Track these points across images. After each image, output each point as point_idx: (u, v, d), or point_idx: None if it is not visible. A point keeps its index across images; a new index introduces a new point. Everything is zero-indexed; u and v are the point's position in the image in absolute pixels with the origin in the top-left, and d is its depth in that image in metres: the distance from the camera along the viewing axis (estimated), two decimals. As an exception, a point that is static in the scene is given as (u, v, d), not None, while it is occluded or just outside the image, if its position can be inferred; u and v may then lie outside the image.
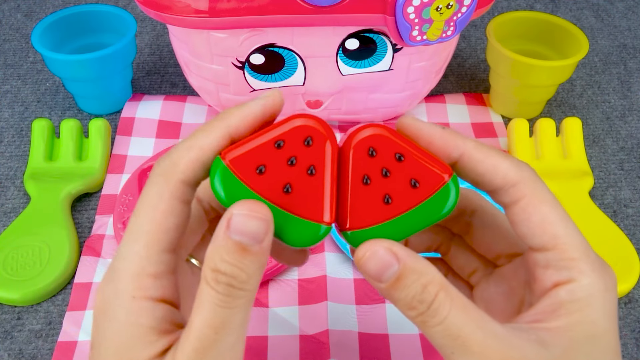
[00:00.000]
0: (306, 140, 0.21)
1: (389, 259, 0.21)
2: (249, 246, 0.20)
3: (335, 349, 0.38)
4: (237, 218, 0.20)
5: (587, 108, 0.58)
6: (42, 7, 0.70)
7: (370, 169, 0.22)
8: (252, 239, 0.20)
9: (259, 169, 0.21)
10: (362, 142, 0.22)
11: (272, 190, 0.21)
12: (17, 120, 0.55)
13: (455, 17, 0.40)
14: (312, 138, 0.21)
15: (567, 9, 0.72)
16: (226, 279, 0.20)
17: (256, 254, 0.20)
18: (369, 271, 0.21)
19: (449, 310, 0.21)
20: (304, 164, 0.21)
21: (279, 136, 0.21)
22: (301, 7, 0.40)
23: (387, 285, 0.21)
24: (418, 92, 0.50)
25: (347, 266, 0.43)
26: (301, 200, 0.21)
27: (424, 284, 0.21)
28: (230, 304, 0.20)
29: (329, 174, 0.22)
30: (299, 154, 0.21)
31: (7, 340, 0.39)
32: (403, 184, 0.22)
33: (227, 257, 0.20)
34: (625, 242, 0.44)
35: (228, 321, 0.20)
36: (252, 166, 0.21)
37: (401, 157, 0.22)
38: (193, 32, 0.44)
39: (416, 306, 0.21)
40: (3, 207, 0.47)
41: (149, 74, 0.61)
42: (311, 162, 0.21)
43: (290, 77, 0.46)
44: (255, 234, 0.20)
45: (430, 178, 0.22)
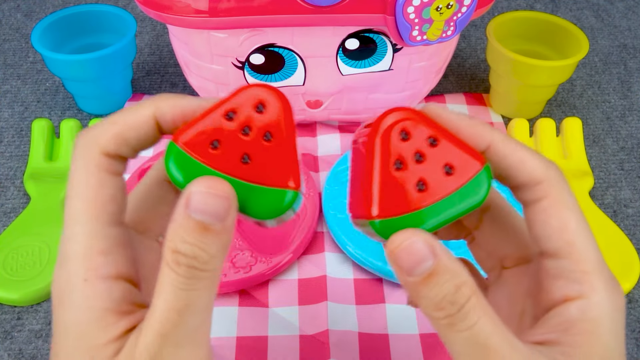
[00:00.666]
0: (258, 107, 0.20)
1: (426, 252, 0.20)
2: (211, 225, 0.19)
3: (335, 349, 0.38)
4: (196, 196, 0.19)
5: (587, 108, 0.58)
6: (42, 7, 0.70)
7: (404, 153, 0.20)
8: (214, 217, 0.19)
9: (212, 144, 0.20)
10: (394, 124, 0.20)
11: (230, 163, 0.20)
12: (17, 120, 0.55)
13: (455, 17, 0.40)
14: (264, 104, 0.20)
15: (567, 9, 0.72)
16: (187, 260, 0.19)
17: (218, 233, 0.19)
18: (401, 263, 0.20)
19: (480, 316, 0.20)
20: (260, 131, 0.20)
21: (230, 108, 0.20)
22: (301, 7, 0.40)
23: (418, 281, 0.20)
24: (418, 92, 0.50)
25: (347, 266, 0.43)
26: (262, 169, 0.20)
27: (457, 285, 0.20)
28: (192, 286, 0.19)
29: (288, 138, 0.20)
30: (252, 122, 0.20)
31: (7, 340, 0.39)
32: (437, 170, 0.20)
33: (187, 237, 0.19)
34: (625, 242, 0.44)
35: (191, 303, 0.20)
36: (206, 142, 0.20)
37: (434, 141, 0.20)
38: (193, 32, 0.44)
39: (445, 307, 0.20)
40: (3, 207, 0.47)
41: (149, 74, 0.61)
42: (267, 128, 0.20)
43: (290, 77, 0.46)
44: (216, 211, 0.19)
45: (464, 165, 0.20)
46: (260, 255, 0.41)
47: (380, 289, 0.42)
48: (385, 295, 0.41)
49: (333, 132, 0.53)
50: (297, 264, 0.43)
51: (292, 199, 0.20)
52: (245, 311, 0.40)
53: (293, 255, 0.42)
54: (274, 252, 0.42)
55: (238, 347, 0.38)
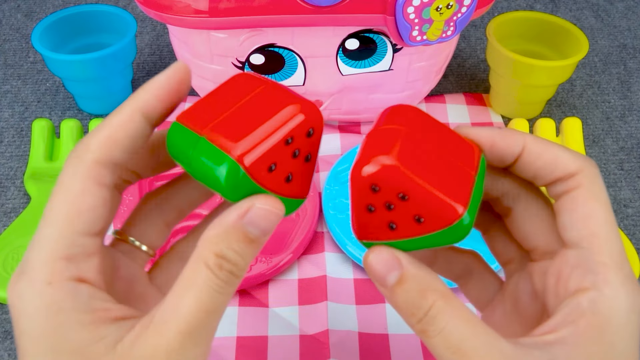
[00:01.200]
0: (308, 133, 0.21)
1: (393, 263, 0.21)
2: (257, 238, 0.20)
3: (335, 349, 0.38)
4: (258, 212, 0.20)
5: (587, 108, 0.58)
6: (42, 7, 0.70)
7: (374, 202, 0.21)
8: (263, 232, 0.20)
9: (270, 168, 0.21)
10: (368, 177, 0.21)
11: (278, 183, 0.21)
12: (17, 120, 0.55)
13: (455, 17, 0.40)
14: (314, 129, 0.21)
15: (567, 9, 0.72)
16: (229, 267, 0.20)
17: (259, 245, 0.21)
18: (374, 275, 0.22)
19: (448, 319, 0.20)
20: (303, 154, 0.21)
21: (288, 133, 0.20)
22: (301, 7, 0.40)
23: (389, 289, 0.21)
24: (418, 92, 0.50)
25: (347, 266, 0.43)
26: (296, 185, 0.22)
27: (421, 291, 0.21)
28: (227, 290, 0.20)
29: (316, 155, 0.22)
30: (303, 146, 0.21)
31: (7, 340, 0.39)
32: (407, 218, 0.21)
33: (235, 245, 0.20)
34: (625, 242, 0.44)
35: (221, 306, 0.20)
36: (265, 166, 0.20)
37: (404, 196, 0.21)
38: (193, 32, 0.44)
39: (415, 313, 0.21)
40: (3, 207, 0.47)
41: (149, 74, 0.61)
42: (309, 150, 0.22)
43: (290, 77, 0.46)
44: (267, 228, 0.20)
45: (438, 214, 0.20)
46: (260, 255, 0.41)
47: (380, 289, 0.42)
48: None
49: (333, 132, 0.53)
50: (297, 264, 0.43)
51: (299, 204, 0.22)
52: (245, 311, 0.40)
53: (293, 255, 0.42)
54: (274, 252, 0.42)
55: (238, 347, 0.38)
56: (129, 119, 0.21)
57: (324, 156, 0.51)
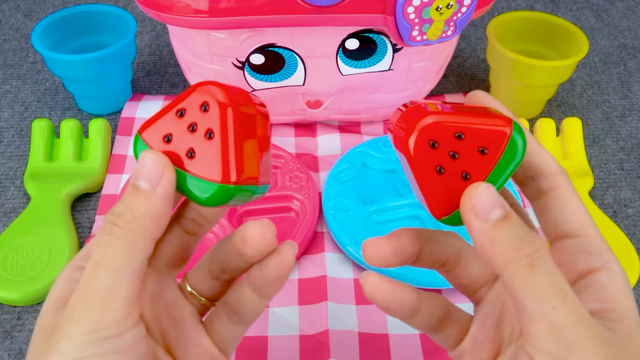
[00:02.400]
0: (203, 107, 0.23)
1: (497, 200, 0.21)
2: (142, 187, 0.22)
3: (335, 349, 0.38)
4: (140, 159, 0.22)
5: (587, 108, 0.58)
6: (42, 7, 0.70)
7: (439, 160, 0.23)
8: (147, 180, 0.22)
9: (166, 137, 0.23)
10: (420, 140, 0.22)
11: (178, 156, 0.23)
12: (17, 120, 0.55)
13: (455, 17, 0.40)
14: (208, 104, 0.23)
15: (567, 9, 0.72)
16: (112, 217, 0.22)
17: (147, 196, 0.22)
18: (477, 210, 0.21)
19: (553, 264, 0.21)
20: (203, 130, 0.23)
21: (181, 107, 0.23)
22: (301, 7, 0.40)
23: (492, 224, 0.21)
24: (418, 92, 0.50)
25: (347, 266, 0.43)
26: (202, 163, 0.23)
27: (530, 231, 0.21)
28: (110, 242, 0.21)
29: (227, 136, 0.22)
30: (198, 121, 0.23)
31: (7, 340, 0.39)
32: (473, 156, 0.23)
33: (123, 199, 0.22)
34: (625, 242, 0.44)
35: (105, 259, 0.21)
36: (161, 136, 0.23)
37: (461, 135, 0.23)
38: (193, 32, 0.44)
39: (524, 247, 0.21)
40: (3, 207, 0.47)
41: (149, 74, 0.61)
42: (209, 126, 0.23)
43: (290, 77, 0.46)
44: (149, 175, 0.22)
45: (493, 139, 0.22)
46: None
47: (380, 289, 0.42)
48: (385, 295, 0.41)
49: (333, 132, 0.53)
50: (297, 264, 0.43)
51: (218, 191, 0.22)
52: (245, 311, 0.40)
53: (293, 255, 0.42)
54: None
55: (238, 347, 0.38)
56: None
57: (324, 156, 0.51)
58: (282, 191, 0.46)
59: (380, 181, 0.48)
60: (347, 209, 0.44)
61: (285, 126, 0.53)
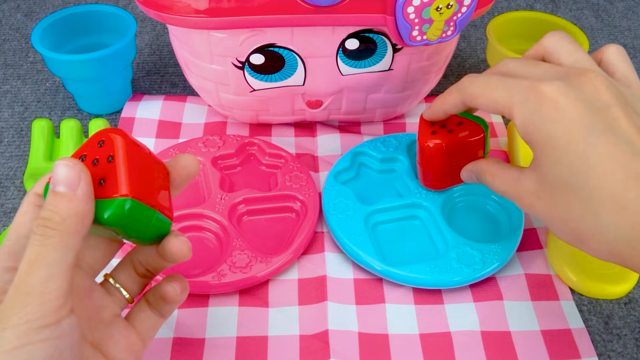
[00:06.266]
0: (99, 143, 0.27)
1: None
2: (63, 192, 0.25)
3: (335, 349, 0.38)
4: (54, 169, 0.25)
5: (587, 108, 0.58)
6: (42, 7, 0.70)
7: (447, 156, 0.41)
8: (65, 184, 0.25)
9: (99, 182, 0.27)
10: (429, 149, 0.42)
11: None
12: (17, 120, 0.55)
13: (455, 17, 0.40)
14: (104, 140, 0.27)
15: (567, 9, 0.72)
16: (42, 221, 0.25)
17: (69, 199, 0.25)
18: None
19: None
20: (104, 158, 0.27)
21: (81, 153, 0.27)
22: (301, 7, 0.40)
23: None
24: (418, 92, 0.50)
25: (347, 266, 0.43)
26: (109, 186, 0.26)
27: None
28: (43, 242, 0.24)
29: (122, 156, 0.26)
30: (98, 154, 0.27)
31: (7, 340, 0.39)
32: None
33: (48, 205, 0.25)
34: (625, 242, 0.44)
35: (40, 257, 0.24)
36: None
37: (461, 123, 0.41)
38: (193, 32, 0.44)
39: None
40: (3, 207, 0.47)
41: (149, 74, 0.61)
42: (108, 154, 0.27)
43: (290, 77, 0.46)
44: (67, 179, 0.25)
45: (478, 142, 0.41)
46: (260, 255, 0.41)
47: (380, 289, 0.42)
48: (385, 295, 0.41)
49: (333, 132, 0.53)
50: (297, 264, 0.43)
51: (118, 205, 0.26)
52: (245, 311, 0.40)
53: (293, 255, 0.42)
54: (274, 252, 0.42)
55: (238, 347, 0.38)
56: None
57: (324, 156, 0.51)
58: (282, 191, 0.46)
59: (380, 181, 0.48)
60: (347, 209, 0.44)
61: (285, 126, 0.53)
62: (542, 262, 0.44)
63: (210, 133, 0.53)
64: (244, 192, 0.45)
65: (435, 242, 0.43)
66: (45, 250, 0.24)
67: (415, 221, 0.45)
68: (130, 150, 0.27)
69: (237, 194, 0.45)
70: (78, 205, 0.25)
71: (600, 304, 0.42)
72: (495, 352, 0.38)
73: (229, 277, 0.40)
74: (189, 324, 0.39)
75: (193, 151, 0.48)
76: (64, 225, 0.25)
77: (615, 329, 0.40)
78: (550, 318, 0.40)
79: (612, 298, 0.42)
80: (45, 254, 0.24)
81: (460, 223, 0.45)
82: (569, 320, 0.40)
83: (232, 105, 0.49)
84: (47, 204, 0.25)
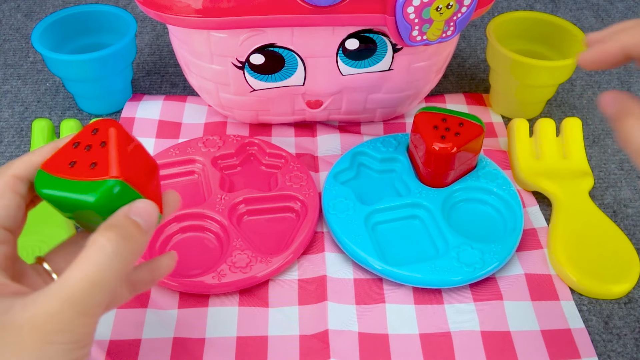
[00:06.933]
0: (93, 131, 0.28)
1: None
2: (142, 225, 0.27)
3: (335, 349, 0.38)
4: (139, 204, 0.27)
5: (587, 108, 0.58)
6: (42, 7, 0.70)
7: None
8: (147, 222, 0.27)
9: (70, 163, 0.27)
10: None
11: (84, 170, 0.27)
12: (17, 120, 0.55)
13: (455, 17, 0.40)
14: (97, 129, 0.28)
15: (567, 9, 0.72)
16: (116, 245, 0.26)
17: (141, 234, 0.27)
18: None
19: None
20: (97, 144, 0.28)
21: (75, 140, 0.28)
22: (301, 7, 0.40)
23: None
24: (418, 92, 0.50)
25: (347, 266, 0.43)
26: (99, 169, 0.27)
27: None
28: (113, 266, 0.25)
29: (113, 142, 0.27)
30: (91, 140, 0.28)
31: (7, 340, 0.39)
32: None
33: (123, 229, 0.26)
34: (625, 242, 0.44)
35: (106, 281, 0.25)
36: (66, 163, 0.27)
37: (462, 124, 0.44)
38: (193, 32, 0.44)
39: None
40: (3, 207, 0.47)
41: (149, 74, 0.61)
42: (101, 139, 0.28)
43: (290, 77, 0.46)
44: (147, 221, 0.27)
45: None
46: (260, 255, 0.41)
47: (380, 289, 0.42)
48: (385, 295, 0.41)
49: (333, 132, 0.53)
50: (297, 264, 0.43)
51: (106, 189, 0.26)
52: (245, 311, 0.40)
53: (293, 255, 0.42)
54: (274, 252, 0.42)
55: (238, 347, 0.38)
56: (46, 154, 0.28)
57: (324, 156, 0.51)
58: (282, 191, 0.46)
59: (380, 181, 0.48)
60: (347, 209, 0.44)
61: (285, 126, 0.53)
62: (542, 262, 0.44)
63: (210, 133, 0.53)
64: (244, 192, 0.45)
65: (435, 242, 0.43)
66: (110, 275, 0.25)
67: (415, 221, 0.45)
68: (122, 139, 0.28)
69: (237, 194, 0.45)
70: (144, 243, 0.27)
71: (600, 304, 0.42)
72: (495, 352, 0.38)
73: (229, 277, 0.40)
74: (189, 324, 0.39)
75: (193, 151, 0.48)
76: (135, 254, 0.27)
77: (615, 329, 0.40)
78: (550, 318, 0.40)
79: (612, 298, 0.42)
80: (109, 277, 0.25)
81: (460, 222, 0.45)
82: (569, 320, 0.40)
83: (232, 105, 0.49)
84: (122, 228, 0.26)
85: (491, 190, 0.46)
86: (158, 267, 0.32)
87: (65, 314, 0.23)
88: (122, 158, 0.27)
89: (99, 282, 0.24)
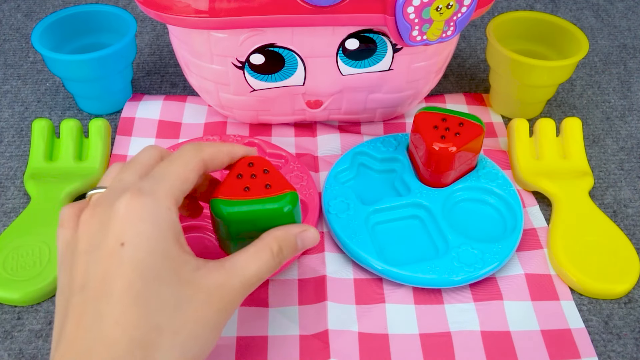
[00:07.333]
0: (249, 164, 0.34)
1: None
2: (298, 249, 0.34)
3: (335, 349, 0.38)
4: (309, 232, 0.34)
5: (587, 108, 0.58)
6: (42, 7, 0.70)
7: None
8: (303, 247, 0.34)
9: (245, 188, 0.33)
10: None
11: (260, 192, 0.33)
12: (17, 120, 0.55)
13: (455, 17, 0.40)
14: (253, 162, 0.34)
15: (567, 9, 0.72)
16: (281, 258, 0.32)
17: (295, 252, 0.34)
18: None
19: None
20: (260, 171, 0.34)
21: (235, 172, 0.34)
22: (301, 7, 0.40)
23: None
24: (418, 92, 0.50)
25: (347, 266, 0.43)
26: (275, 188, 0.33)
27: None
28: (273, 271, 0.32)
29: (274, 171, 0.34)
30: (254, 172, 0.34)
31: (7, 340, 0.39)
32: None
33: (290, 246, 0.33)
34: (625, 242, 0.44)
35: (262, 280, 0.32)
36: (240, 189, 0.33)
37: (462, 123, 0.44)
38: (193, 32, 0.44)
39: None
40: (3, 207, 0.47)
41: (149, 74, 0.61)
42: (263, 167, 0.34)
43: (290, 77, 0.46)
44: (307, 246, 0.34)
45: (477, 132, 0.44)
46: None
47: (380, 289, 0.42)
48: (385, 295, 0.41)
49: (333, 132, 0.53)
50: (297, 264, 0.43)
51: (291, 197, 0.33)
52: (245, 311, 0.40)
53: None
54: (274, 252, 0.42)
55: (238, 347, 0.38)
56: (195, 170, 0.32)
57: (324, 156, 0.51)
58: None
59: (380, 181, 0.48)
60: (347, 209, 0.44)
61: (285, 126, 0.53)
62: (542, 262, 0.44)
63: (210, 133, 0.53)
64: (244, 192, 0.45)
65: (435, 242, 0.43)
66: (266, 276, 0.32)
67: (415, 221, 0.45)
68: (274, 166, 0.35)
69: (237, 194, 0.45)
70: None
71: (600, 304, 0.42)
72: (495, 352, 0.38)
73: (229, 277, 0.40)
74: (189, 324, 0.39)
75: (193, 151, 0.48)
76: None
77: (615, 329, 0.40)
78: (550, 318, 0.40)
79: (612, 298, 0.42)
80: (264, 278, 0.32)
81: (460, 222, 0.45)
82: (569, 320, 0.40)
83: (232, 105, 0.49)
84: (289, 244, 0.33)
85: (491, 190, 0.46)
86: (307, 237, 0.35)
87: (240, 294, 0.30)
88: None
89: (260, 279, 0.31)
